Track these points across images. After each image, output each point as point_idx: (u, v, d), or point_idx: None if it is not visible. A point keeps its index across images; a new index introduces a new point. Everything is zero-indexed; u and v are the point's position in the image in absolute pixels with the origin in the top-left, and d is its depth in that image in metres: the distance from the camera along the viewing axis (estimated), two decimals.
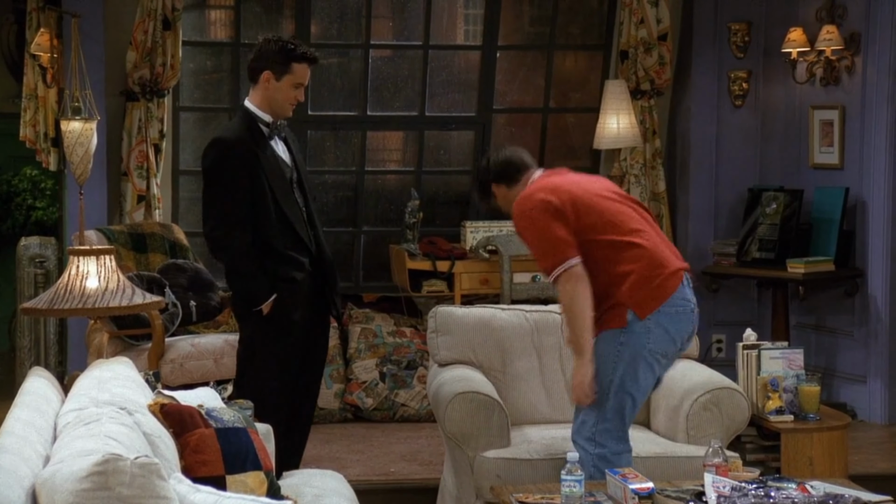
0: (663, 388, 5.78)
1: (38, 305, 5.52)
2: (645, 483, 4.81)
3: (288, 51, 5.77)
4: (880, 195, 8.03)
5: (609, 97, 8.50)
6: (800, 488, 4.69)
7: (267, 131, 5.86)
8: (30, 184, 10.19)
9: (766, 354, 6.39)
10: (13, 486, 3.56)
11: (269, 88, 5.80)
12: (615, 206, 5.38)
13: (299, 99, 5.89)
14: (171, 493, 3.59)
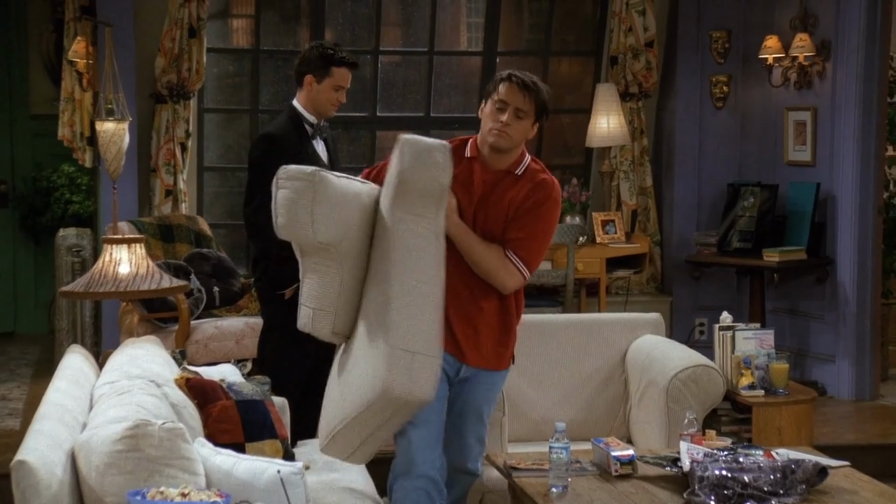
0: (646, 366, 5.83)
1: (76, 289, 5.59)
2: (626, 450, 4.89)
3: (328, 56, 5.82)
4: (849, 190, 8.03)
5: (600, 99, 8.53)
6: (766, 454, 4.75)
7: (311, 131, 5.93)
8: (67, 180, 10.11)
9: (739, 335, 6.32)
10: (55, 449, 3.69)
11: (312, 91, 5.85)
12: None
13: (340, 100, 5.92)
14: (194, 455, 3.73)
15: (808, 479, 4.57)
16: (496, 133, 4.54)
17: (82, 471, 3.71)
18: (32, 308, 10.54)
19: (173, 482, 3.54)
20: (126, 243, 5.52)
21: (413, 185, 4.30)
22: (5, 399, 8.02)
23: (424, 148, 4.30)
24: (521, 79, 4.59)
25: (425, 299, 4.29)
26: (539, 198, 4.65)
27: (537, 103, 4.59)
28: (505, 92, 4.57)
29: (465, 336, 4.74)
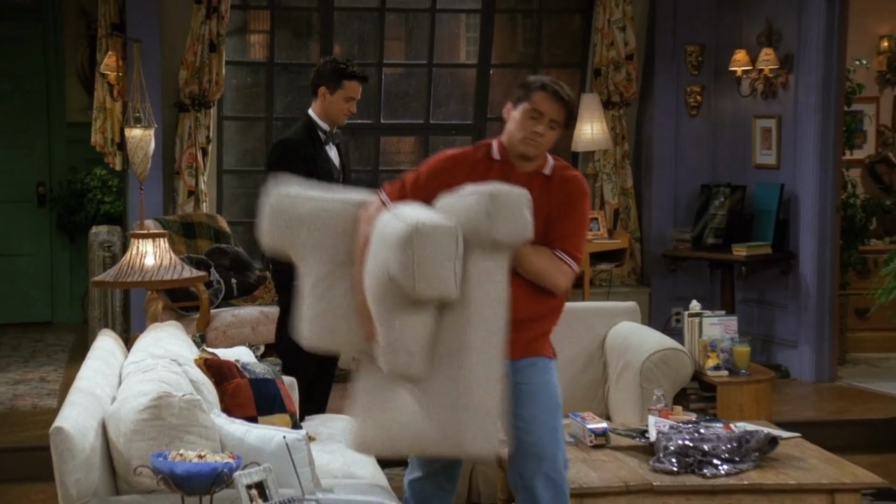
0: (622, 350, 5.86)
1: (106, 279, 5.72)
2: (600, 423, 5.00)
3: (340, 70, 5.86)
4: (810, 190, 8.06)
5: (585, 107, 8.44)
6: (725, 427, 4.87)
7: (324, 137, 5.95)
8: (99, 182, 10.11)
9: (706, 321, 6.35)
10: (88, 418, 3.84)
11: (326, 101, 5.89)
12: None
13: (351, 110, 5.94)
14: (210, 423, 3.88)
15: (760, 448, 4.69)
16: (529, 142, 4.20)
17: (111, 437, 3.86)
18: (68, 299, 10.53)
19: (192, 447, 3.67)
20: (151, 238, 5.62)
21: (502, 243, 3.98)
22: (44, 381, 8.09)
23: (514, 205, 3.96)
24: (556, 90, 4.24)
25: (495, 353, 4.00)
26: (575, 195, 4.31)
27: (568, 114, 4.27)
28: (540, 101, 4.20)
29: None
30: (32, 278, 10.49)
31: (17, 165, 10.38)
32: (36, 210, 10.50)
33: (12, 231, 10.40)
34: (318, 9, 8.67)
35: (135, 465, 3.71)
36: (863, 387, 7.96)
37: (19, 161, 10.40)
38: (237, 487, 3.46)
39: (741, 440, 4.70)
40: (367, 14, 8.88)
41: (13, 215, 10.39)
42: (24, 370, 8.50)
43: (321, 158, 5.91)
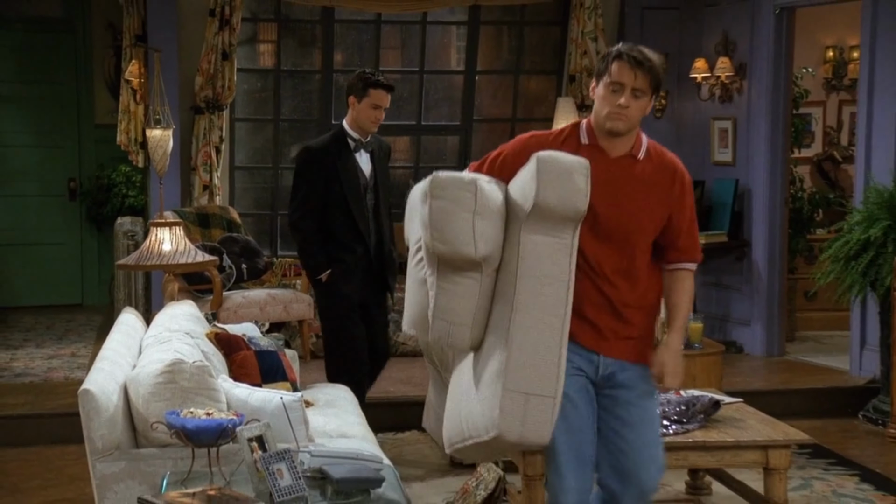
0: None
1: (129, 262, 5.78)
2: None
3: (366, 79, 5.66)
4: (761, 185, 8.16)
5: (560, 110, 8.53)
6: (675, 393, 4.88)
7: (353, 145, 5.73)
8: (124, 177, 10.07)
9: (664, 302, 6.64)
10: (111, 382, 3.98)
11: (354, 110, 5.68)
12: None
13: (379, 118, 5.70)
14: (218, 387, 4.01)
15: (705, 411, 4.76)
16: (615, 117, 3.57)
17: (132, 398, 4.00)
18: (96, 283, 10.54)
19: (201, 406, 3.76)
20: (168, 226, 5.66)
21: (550, 211, 3.42)
22: (75, 356, 8.18)
23: (564, 170, 3.40)
24: (632, 55, 3.58)
25: (549, 334, 3.44)
26: (682, 184, 3.70)
27: (652, 78, 3.60)
28: (618, 72, 3.58)
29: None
30: (64, 265, 10.49)
31: (51, 163, 10.38)
32: (67, 203, 10.50)
33: (46, 222, 10.40)
34: (321, 21, 8.67)
35: (152, 422, 3.82)
36: (808, 361, 8.08)
37: (52, 159, 10.39)
38: (240, 440, 3.52)
39: (688, 404, 4.77)
40: (364, 25, 8.89)
41: (47, 208, 10.41)
42: (58, 347, 8.58)
43: (346, 166, 5.71)
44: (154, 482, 3.79)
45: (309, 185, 5.70)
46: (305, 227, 5.72)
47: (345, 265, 5.71)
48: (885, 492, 5.62)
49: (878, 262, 6.72)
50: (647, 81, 3.59)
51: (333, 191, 5.67)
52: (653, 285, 3.75)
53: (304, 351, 7.73)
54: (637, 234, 3.65)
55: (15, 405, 6.76)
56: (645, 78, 3.58)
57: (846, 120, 9.88)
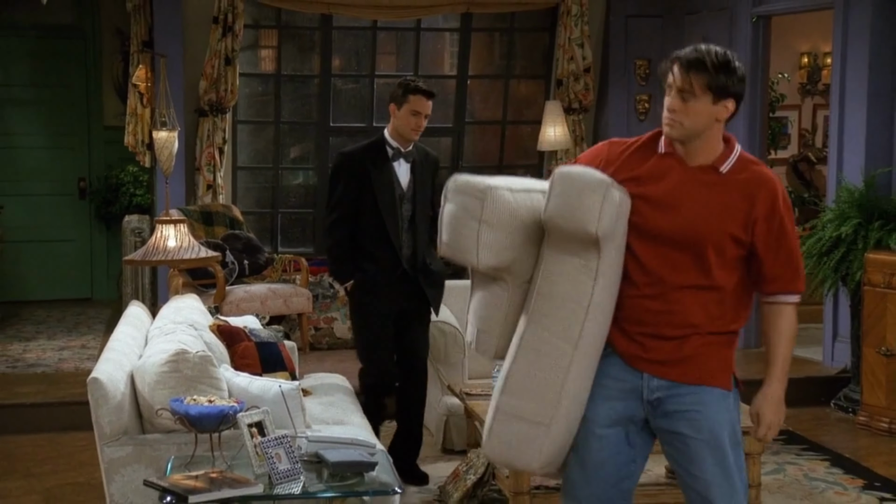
0: None
1: (135, 258, 5.77)
2: None
3: (405, 85, 5.30)
4: None
5: (548, 113, 8.58)
6: None
7: (391, 153, 5.28)
8: (131, 177, 10.06)
9: None
10: (118, 371, 4.01)
11: (394, 117, 5.28)
12: None
13: (419, 125, 5.28)
14: (220, 376, 4.03)
15: None
16: (665, 121, 3.13)
17: (138, 386, 4.03)
18: (105, 278, 10.50)
19: (203, 394, 3.81)
20: (172, 223, 5.67)
21: (559, 229, 3.10)
22: (85, 347, 8.19)
23: (576, 187, 3.07)
24: (677, 57, 3.11)
25: (555, 358, 3.10)
26: (768, 205, 3.10)
27: (710, 79, 3.05)
28: (670, 75, 3.12)
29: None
30: (75, 261, 10.49)
31: (62, 163, 10.38)
32: (78, 202, 10.48)
33: (57, 220, 10.40)
34: (319, 27, 8.68)
35: (157, 409, 3.85)
36: None
37: (63, 159, 10.38)
38: (240, 426, 3.58)
39: None
40: (361, 32, 8.88)
41: (58, 206, 10.40)
42: (68, 338, 8.58)
43: (382, 174, 5.25)
44: (159, 466, 3.82)
45: (340, 192, 5.30)
46: (336, 233, 5.32)
47: (369, 275, 5.28)
48: (853, 475, 5.68)
49: (849, 258, 6.76)
50: (698, 82, 3.05)
51: (366, 198, 5.27)
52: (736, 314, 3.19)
53: (302, 342, 7.75)
54: (705, 247, 3.12)
55: (28, 394, 6.79)
56: (695, 79, 3.05)
57: (820, 123, 9.92)
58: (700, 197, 3.14)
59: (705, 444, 3.14)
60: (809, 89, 9.94)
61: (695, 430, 3.13)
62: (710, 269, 3.12)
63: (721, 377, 3.17)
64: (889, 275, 6.46)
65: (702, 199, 3.14)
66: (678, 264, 3.14)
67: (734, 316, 3.19)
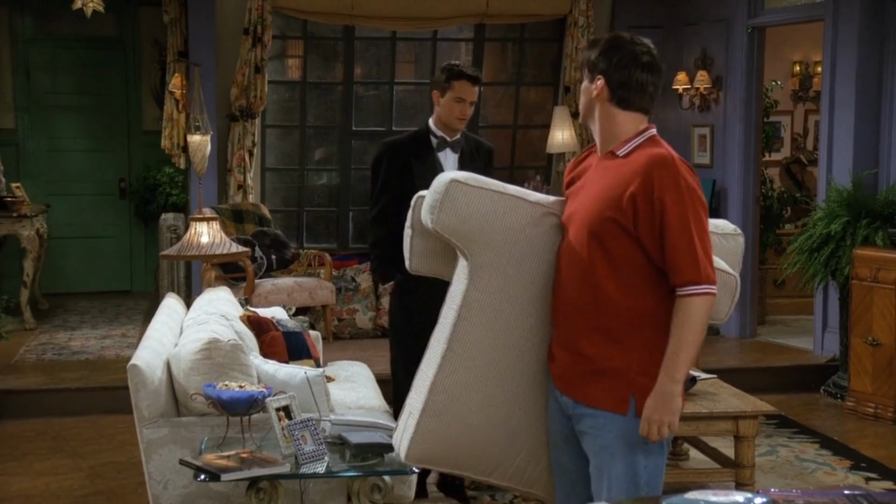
0: None
1: (171, 253, 5.79)
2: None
3: (448, 70, 4.63)
4: (735, 185, 8.15)
5: (557, 118, 8.57)
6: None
7: (436, 143, 4.65)
8: (168, 178, 10.06)
9: None
10: (156, 358, 4.02)
11: (438, 105, 4.63)
12: None
13: (465, 113, 4.60)
14: (249, 363, 4.04)
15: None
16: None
17: (174, 373, 4.04)
18: (143, 272, 10.50)
19: (234, 380, 3.83)
20: (205, 221, 5.68)
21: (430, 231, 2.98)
22: (124, 336, 8.22)
23: (432, 189, 2.99)
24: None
25: (430, 355, 3.01)
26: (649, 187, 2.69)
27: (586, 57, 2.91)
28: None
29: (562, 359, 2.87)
30: (115, 256, 10.50)
31: (104, 165, 10.40)
32: (118, 201, 10.49)
33: (99, 218, 10.42)
34: (343, 38, 8.67)
35: (191, 393, 3.86)
36: (777, 342, 8.06)
37: (105, 162, 10.40)
38: (269, 410, 3.60)
39: None
40: (382, 42, 8.87)
41: (100, 205, 10.43)
42: (109, 328, 8.61)
43: (425, 165, 4.60)
44: (194, 446, 3.84)
45: (382, 182, 4.73)
46: (377, 230, 4.72)
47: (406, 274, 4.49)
48: (841, 457, 5.67)
49: (837, 253, 6.74)
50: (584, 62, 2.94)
51: (408, 191, 4.52)
52: (630, 308, 2.76)
53: (326, 332, 7.76)
54: (584, 229, 2.78)
55: (72, 379, 6.82)
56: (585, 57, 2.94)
57: (811, 127, 9.87)
58: (594, 185, 2.86)
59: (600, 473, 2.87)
60: (801, 96, 9.89)
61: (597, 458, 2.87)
62: (594, 265, 2.77)
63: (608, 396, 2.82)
64: (875, 269, 6.43)
65: (590, 187, 2.88)
66: (570, 259, 2.84)
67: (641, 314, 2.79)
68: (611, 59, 2.84)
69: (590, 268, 2.79)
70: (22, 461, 5.60)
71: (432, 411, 2.93)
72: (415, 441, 2.96)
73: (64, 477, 5.33)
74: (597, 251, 2.78)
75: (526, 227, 2.91)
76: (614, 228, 2.76)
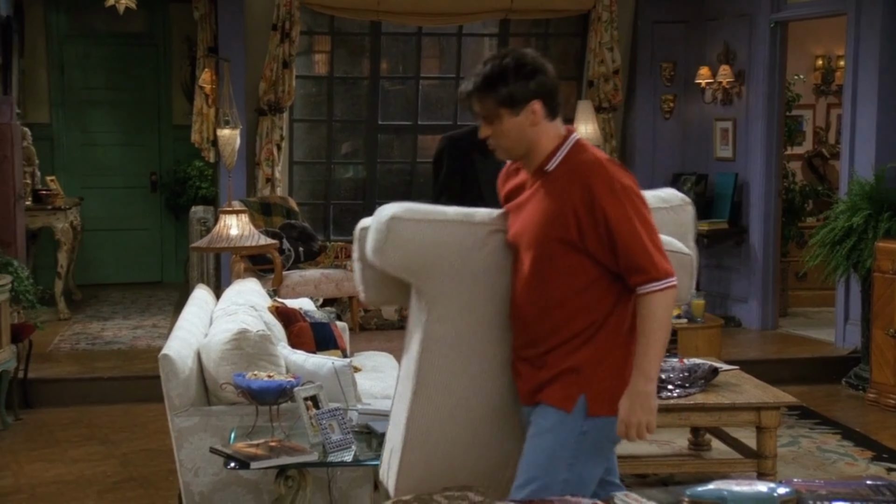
0: None
1: (201, 245, 5.81)
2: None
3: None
4: (758, 178, 8.09)
5: (580, 112, 8.52)
6: (679, 361, 4.94)
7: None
8: (198, 171, 10.02)
9: None
10: (186, 348, 4.03)
11: None
12: None
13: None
14: (278, 353, 4.04)
15: (705, 376, 4.76)
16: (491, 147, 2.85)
17: (204, 362, 4.05)
18: (174, 264, 10.49)
19: (264, 370, 3.83)
20: (235, 213, 5.69)
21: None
22: (156, 326, 8.24)
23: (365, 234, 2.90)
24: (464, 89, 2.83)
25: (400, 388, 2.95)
26: (590, 194, 2.65)
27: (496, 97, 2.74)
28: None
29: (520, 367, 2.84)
30: (146, 248, 10.54)
31: (135, 159, 10.43)
32: (149, 194, 10.52)
33: (131, 211, 10.46)
34: (369, 33, 8.68)
35: (221, 383, 3.87)
36: (798, 333, 8.02)
37: (136, 155, 10.43)
38: (297, 399, 3.60)
39: (691, 371, 4.77)
40: (407, 37, 8.89)
41: (132, 198, 10.46)
42: (141, 318, 8.64)
43: (488, 160, 3.91)
44: (224, 435, 3.84)
45: (444, 177, 4.57)
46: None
47: None
48: (863, 447, 5.62)
49: (859, 246, 6.68)
50: (487, 105, 2.75)
51: (471, 189, 4.47)
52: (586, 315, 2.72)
53: (353, 323, 7.76)
54: (532, 252, 2.73)
55: (105, 368, 6.86)
56: (484, 102, 2.76)
57: (833, 121, 9.77)
58: (533, 206, 2.77)
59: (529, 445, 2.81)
60: (823, 90, 9.80)
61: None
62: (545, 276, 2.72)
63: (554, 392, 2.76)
64: None
65: (530, 206, 2.78)
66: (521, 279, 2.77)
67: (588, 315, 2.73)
68: (531, 80, 2.73)
69: (542, 286, 2.74)
70: (57, 448, 5.64)
71: (412, 447, 2.87)
72: (401, 477, 2.90)
73: (97, 464, 5.37)
74: (548, 269, 2.73)
75: (473, 250, 2.83)
76: (562, 246, 2.71)
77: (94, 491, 4.97)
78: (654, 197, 3.05)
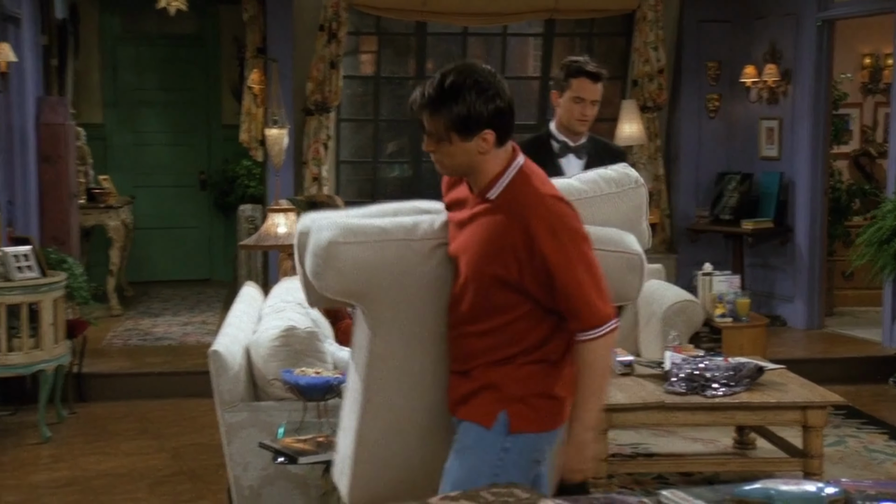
0: (650, 301, 5.56)
1: (249, 243, 5.86)
2: (627, 357, 4.96)
3: (567, 67, 4.17)
4: (804, 178, 8.02)
5: (625, 111, 8.46)
6: (724, 360, 4.87)
7: (558, 147, 4.19)
8: (246, 170, 10.01)
9: (715, 279, 6.46)
10: (236, 344, 4.05)
11: (557, 106, 4.18)
12: None
13: (585, 113, 4.13)
14: (325, 350, 4.05)
15: (750, 375, 4.71)
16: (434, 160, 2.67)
17: (253, 359, 4.07)
18: (222, 262, 10.54)
19: (311, 366, 3.85)
20: (283, 212, 5.72)
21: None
22: (205, 323, 8.32)
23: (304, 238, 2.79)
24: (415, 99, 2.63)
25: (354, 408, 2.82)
26: (531, 240, 2.53)
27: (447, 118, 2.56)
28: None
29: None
30: (196, 245, 10.61)
31: (184, 158, 10.51)
32: (199, 193, 10.60)
33: (180, 209, 10.54)
34: (415, 33, 8.69)
35: (270, 379, 3.89)
36: (844, 333, 7.93)
37: (186, 155, 10.51)
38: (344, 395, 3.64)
39: (736, 369, 4.72)
40: (453, 37, 8.88)
41: (181, 197, 10.54)
42: (190, 315, 8.72)
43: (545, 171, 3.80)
44: (272, 430, 3.85)
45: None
46: None
47: None
48: None
49: None
50: (438, 124, 2.57)
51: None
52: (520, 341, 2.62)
53: None
54: (467, 282, 2.63)
55: (156, 364, 6.93)
56: (435, 120, 2.58)
57: (881, 120, 9.65)
58: (472, 233, 2.63)
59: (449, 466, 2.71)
60: (871, 88, 9.68)
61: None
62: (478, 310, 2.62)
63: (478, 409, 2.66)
64: None
65: (469, 231, 2.63)
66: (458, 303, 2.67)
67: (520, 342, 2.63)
68: (488, 104, 2.56)
69: (475, 314, 2.64)
70: (109, 441, 5.71)
71: (362, 459, 2.80)
72: (353, 487, 2.83)
73: (148, 457, 5.43)
74: (482, 302, 2.63)
75: (416, 267, 2.71)
76: (498, 283, 2.60)
77: (145, 484, 5.02)
78: (604, 181, 2.95)
